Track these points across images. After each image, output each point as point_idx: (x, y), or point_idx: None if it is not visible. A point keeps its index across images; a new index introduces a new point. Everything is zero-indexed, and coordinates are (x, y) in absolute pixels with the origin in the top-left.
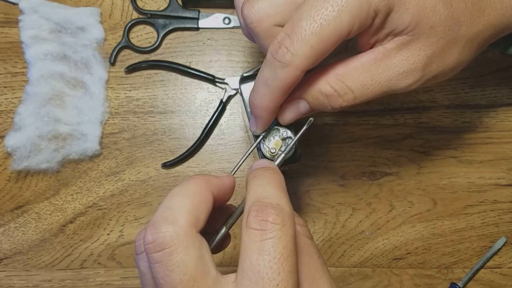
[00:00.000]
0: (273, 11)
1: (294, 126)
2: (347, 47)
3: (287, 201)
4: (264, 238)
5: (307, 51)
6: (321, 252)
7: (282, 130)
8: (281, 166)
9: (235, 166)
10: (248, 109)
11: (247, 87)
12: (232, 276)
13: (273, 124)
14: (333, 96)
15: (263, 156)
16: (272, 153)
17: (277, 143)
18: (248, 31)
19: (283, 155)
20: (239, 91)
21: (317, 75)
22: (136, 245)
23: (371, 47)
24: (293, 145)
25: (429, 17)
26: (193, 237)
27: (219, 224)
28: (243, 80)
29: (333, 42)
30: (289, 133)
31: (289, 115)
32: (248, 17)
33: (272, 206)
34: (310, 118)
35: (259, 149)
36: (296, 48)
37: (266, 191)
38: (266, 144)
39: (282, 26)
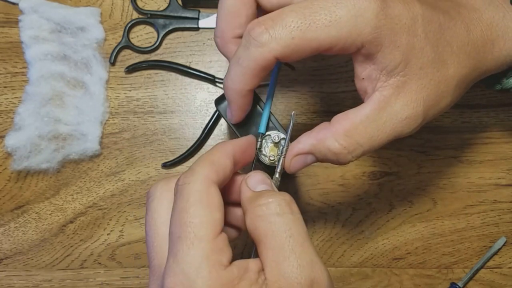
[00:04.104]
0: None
1: (280, 126)
2: None
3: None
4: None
5: (287, 40)
6: (321, 253)
7: (272, 134)
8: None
9: None
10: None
11: (225, 106)
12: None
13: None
14: (342, 154)
15: (265, 167)
16: (272, 160)
17: (272, 148)
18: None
19: (282, 158)
20: (219, 113)
21: (324, 131)
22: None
23: (368, 92)
24: (287, 144)
25: (418, 57)
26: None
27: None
28: (218, 101)
29: (312, 47)
30: (281, 135)
31: (296, 166)
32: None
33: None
34: (293, 112)
35: (260, 162)
36: (277, 32)
37: None
38: (263, 153)
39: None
